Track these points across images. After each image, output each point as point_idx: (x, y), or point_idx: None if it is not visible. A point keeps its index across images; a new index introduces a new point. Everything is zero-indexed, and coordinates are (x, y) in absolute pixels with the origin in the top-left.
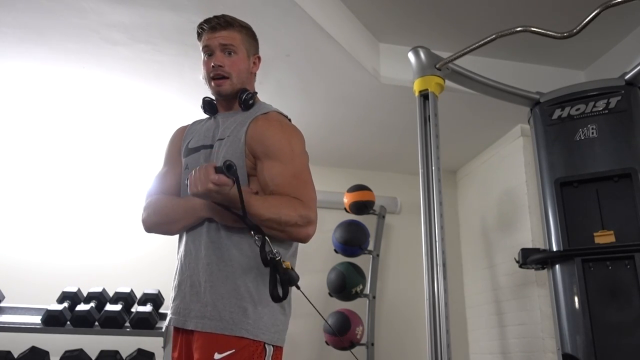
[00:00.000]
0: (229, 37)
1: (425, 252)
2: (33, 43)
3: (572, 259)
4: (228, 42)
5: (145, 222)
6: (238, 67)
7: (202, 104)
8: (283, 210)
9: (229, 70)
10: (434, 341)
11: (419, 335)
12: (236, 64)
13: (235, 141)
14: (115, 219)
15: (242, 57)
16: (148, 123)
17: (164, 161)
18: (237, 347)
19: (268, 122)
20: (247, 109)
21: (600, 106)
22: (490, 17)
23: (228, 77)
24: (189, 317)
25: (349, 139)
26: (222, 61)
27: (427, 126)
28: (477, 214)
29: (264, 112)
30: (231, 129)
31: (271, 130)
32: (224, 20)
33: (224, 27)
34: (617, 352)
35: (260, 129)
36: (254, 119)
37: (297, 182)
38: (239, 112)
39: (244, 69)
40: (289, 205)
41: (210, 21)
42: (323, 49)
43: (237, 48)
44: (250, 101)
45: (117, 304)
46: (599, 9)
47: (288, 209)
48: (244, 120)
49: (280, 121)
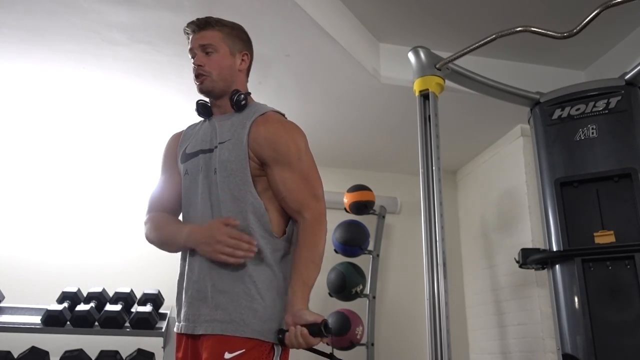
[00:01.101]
0: (208, 36)
1: (425, 252)
2: (33, 43)
3: (572, 259)
4: (206, 41)
5: (146, 236)
6: (219, 64)
7: (196, 106)
8: (314, 255)
9: (209, 69)
10: (434, 341)
11: (419, 335)
12: (216, 62)
13: (237, 144)
14: (115, 219)
15: (223, 54)
16: (147, 123)
17: (161, 170)
18: (247, 346)
19: (270, 125)
20: (240, 109)
21: (600, 106)
22: (490, 17)
23: (208, 75)
24: (198, 322)
25: (348, 139)
26: (201, 61)
27: (427, 126)
28: (477, 214)
29: (261, 113)
30: (231, 132)
31: (276, 134)
32: (204, 21)
33: (203, 28)
34: (617, 352)
35: (263, 134)
36: (253, 121)
37: (307, 183)
38: (233, 114)
39: (226, 66)
40: (313, 242)
41: (190, 24)
42: (323, 49)
43: (217, 46)
44: (243, 102)
45: (117, 304)
46: (599, 9)
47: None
48: (242, 122)
49: (280, 121)
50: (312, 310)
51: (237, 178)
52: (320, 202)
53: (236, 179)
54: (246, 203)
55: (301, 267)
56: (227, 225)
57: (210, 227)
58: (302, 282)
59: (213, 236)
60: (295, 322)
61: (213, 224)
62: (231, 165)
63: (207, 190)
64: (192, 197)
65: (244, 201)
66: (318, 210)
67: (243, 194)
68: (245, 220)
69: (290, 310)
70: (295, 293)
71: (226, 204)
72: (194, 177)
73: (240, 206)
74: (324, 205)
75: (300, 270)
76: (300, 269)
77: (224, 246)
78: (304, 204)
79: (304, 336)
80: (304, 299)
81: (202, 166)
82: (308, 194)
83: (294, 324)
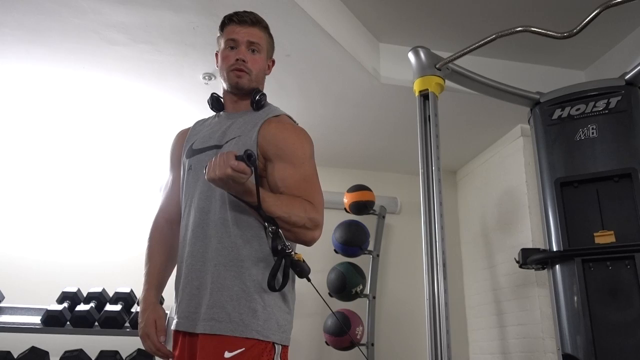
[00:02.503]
0: (257, 35)
1: (425, 252)
2: (33, 43)
3: (572, 259)
4: (255, 39)
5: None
6: (259, 66)
7: (210, 99)
8: (294, 210)
9: (251, 67)
10: (434, 341)
11: (419, 336)
12: (258, 63)
13: (246, 141)
14: (115, 219)
15: (263, 57)
16: (148, 123)
17: (169, 169)
18: (247, 345)
19: (282, 125)
20: (259, 109)
21: (601, 106)
22: (490, 17)
23: (249, 72)
24: (197, 320)
25: (349, 139)
26: (246, 56)
27: (427, 126)
28: (477, 214)
29: (276, 114)
30: (242, 129)
31: (285, 133)
32: (255, 17)
33: (253, 24)
34: (617, 352)
35: (273, 131)
36: (266, 120)
37: (307, 185)
38: (249, 112)
39: (263, 69)
40: (300, 206)
41: (240, 15)
42: (323, 49)
43: (261, 47)
44: (262, 102)
45: (117, 304)
46: (599, 9)
47: (299, 210)
48: (255, 121)
49: (293, 125)
50: (312, 310)
51: None
52: (317, 211)
53: None
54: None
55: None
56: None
57: (146, 324)
58: (269, 193)
59: (147, 334)
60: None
61: (150, 331)
62: None
63: (212, 186)
64: (192, 193)
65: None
66: (314, 219)
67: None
68: (251, 216)
69: None
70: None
71: (231, 199)
72: (197, 173)
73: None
74: (320, 215)
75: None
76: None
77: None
78: None
79: (227, 155)
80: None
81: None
82: (306, 196)
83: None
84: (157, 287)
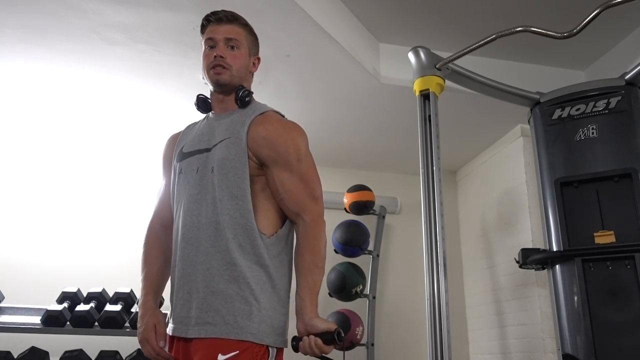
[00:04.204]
0: (234, 31)
1: (425, 252)
2: (33, 43)
3: (572, 259)
4: (232, 36)
5: None
6: (239, 61)
7: (196, 101)
8: (318, 256)
9: (231, 63)
10: (434, 341)
11: (419, 336)
12: (238, 59)
13: (236, 142)
14: (114, 219)
15: (244, 53)
16: (147, 123)
17: (162, 173)
18: (241, 348)
19: (270, 125)
20: (244, 106)
21: (601, 106)
22: (490, 17)
23: (228, 68)
24: (190, 325)
25: (349, 139)
26: (224, 53)
27: (427, 126)
28: (477, 214)
29: (261, 112)
30: (230, 130)
31: (275, 134)
32: (231, 14)
33: (229, 21)
34: (617, 352)
35: (262, 133)
36: (253, 120)
37: (305, 184)
38: (235, 111)
39: (244, 64)
40: (314, 245)
41: (217, 13)
42: (323, 49)
43: (241, 44)
44: (247, 98)
45: (117, 304)
46: (599, 9)
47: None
48: (242, 120)
49: (280, 121)
50: None
51: (235, 176)
52: (318, 203)
53: (235, 177)
54: (245, 201)
55: (305, 272)
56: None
57: (145, 329)
58: (309, 289)
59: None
60: (309, 332)
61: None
62: (230, 163)
63: (203, 190)
64: (182, 196)
65: (242, 199)
66: (317, 212)
67: (242, 192)
68: (243, 218)
69: (302, 319)
70: (303, 301)
71: (223, 202)
72: (187, 177)
73: (239, 204)
74: (322, 207)
75: (306, 277)
76: (305, 275)
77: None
78: (302, 206)
79: (318, 346)
80: (312, 305)
81: (199, 166)
82: (307, 196)
83: (307, 333)
84: (155, 291)
